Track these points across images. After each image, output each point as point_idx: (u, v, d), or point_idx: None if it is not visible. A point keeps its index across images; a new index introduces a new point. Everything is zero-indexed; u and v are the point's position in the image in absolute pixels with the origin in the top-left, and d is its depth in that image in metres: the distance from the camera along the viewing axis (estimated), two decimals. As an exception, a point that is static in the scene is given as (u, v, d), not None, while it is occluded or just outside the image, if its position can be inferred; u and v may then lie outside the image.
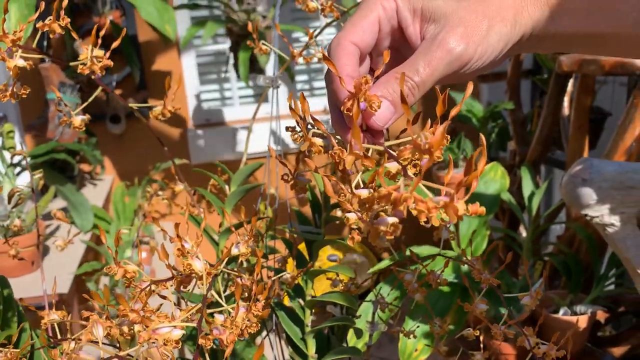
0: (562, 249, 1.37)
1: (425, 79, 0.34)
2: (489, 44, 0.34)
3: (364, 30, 0.36)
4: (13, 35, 0.36)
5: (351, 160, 0.31)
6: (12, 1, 1.23)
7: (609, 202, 0.74)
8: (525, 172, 1.44)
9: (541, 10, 0.35)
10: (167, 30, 1.41)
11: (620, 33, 0.35)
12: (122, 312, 0.34)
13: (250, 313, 0.34)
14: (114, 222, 1.55)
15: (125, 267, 0.37)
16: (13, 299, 0.47)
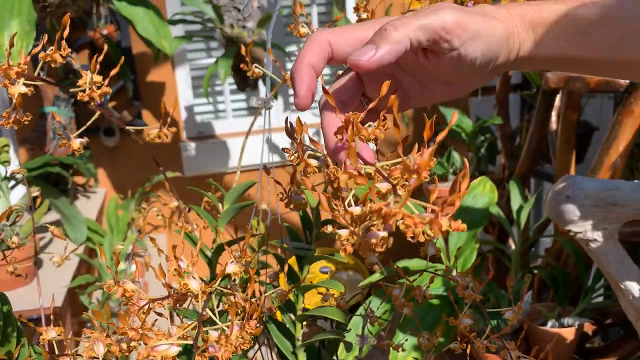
0: (550, 262, 1.39)
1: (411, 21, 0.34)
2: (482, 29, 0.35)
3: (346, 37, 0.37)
4: (17, 68, 0.37)
5: (345, 179, 0.34)
6: (13, 17, 1.26)
7: (592, 218, 0.76)
8: (514, 186, 1.47)
9: (526, 32, 0.37)
10: (164, 45, 1.43)
11: (599, 57, 0.38)
12: (122, 329, 0.36)
13: (243, 331, 0.35)
14: (108, 235, 1.56)
15: (124, 287, 0.39)
16: (12, 314, 0.48)
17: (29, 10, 1.30)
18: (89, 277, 1.38)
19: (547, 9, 0.37)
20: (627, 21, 0.36)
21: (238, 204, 0.58)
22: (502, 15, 0.37)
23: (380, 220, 0.32)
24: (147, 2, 1.47)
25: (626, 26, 0.36)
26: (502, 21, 0.36)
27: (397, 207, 0.30)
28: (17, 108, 0.39)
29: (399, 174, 0.33)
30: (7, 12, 1.26)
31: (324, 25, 2.29)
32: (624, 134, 1.21)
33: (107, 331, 0.38)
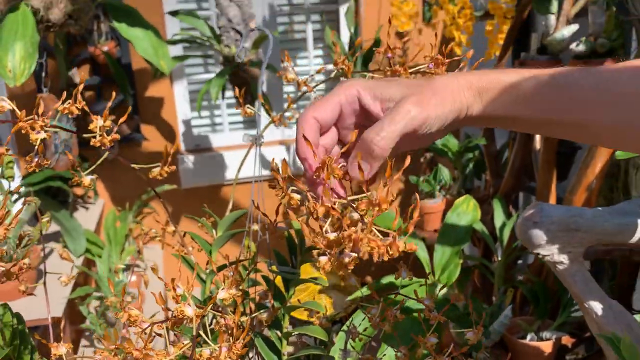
0: (531, 277, 1.45)
1: (390, 134, 0.43)
2: (437, 113, 0.44)
3: (326, 109, 0.45)
4: (42, 122, 0.43)
5: (322, 211, 0.40)
6: (17, 40, 1.32)
7: (557, 242, 0.83)
8: (497, 204, 1.53)
9: (473, 97, 0.45)
10: (162, 65, 1.49)
11: (536, 118, 0.45)
12: (127, 350, 0.42)
13: (231, 352, 0.41)
14: (106, 247, 1.61)
15: (129, 312, 0.44)
16: (26, 332, 0.54)
17: (32, 33, 1.37)
18: (88, 289, 1.44)
19: (491, 79, 0.44)
20: (557, 89, 0.43)
21: (229, 231, 0.64)
22: (451, 87, 0.44)
23: (351, 243, 0.40)
24: (146, 23, 1.54)
25: (557, 93, 0.43)
26: (451, 92, 0.44)
27: (364, 234, 0.39)
28: (39, 153, 0.45)
29: (365, 207, 0.41)
30: (12, 35, 1.33)
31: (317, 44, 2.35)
32: (600, 156, 1.28)
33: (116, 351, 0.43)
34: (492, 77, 0.45)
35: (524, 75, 0.44)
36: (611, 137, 0.45)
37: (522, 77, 0.44)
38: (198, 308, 0.46)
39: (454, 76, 0.46)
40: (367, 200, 0.40)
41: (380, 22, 2.30)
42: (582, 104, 0.43)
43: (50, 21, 1.55)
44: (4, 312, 0.52)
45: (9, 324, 0.51)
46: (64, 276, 0.66)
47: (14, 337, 0.51)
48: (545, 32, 1.47)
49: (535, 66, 1.42)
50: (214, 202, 2.29)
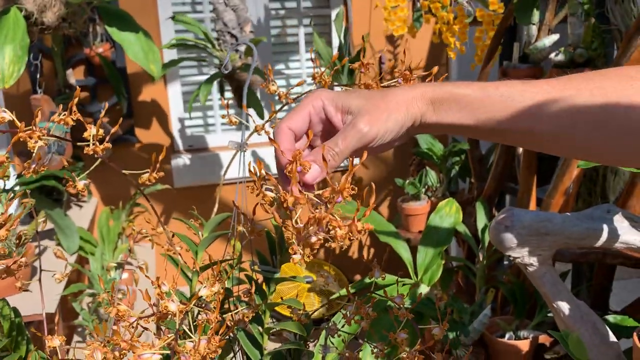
0: (511, 278, 1.50)
1: (343, 149, 0.49)
2: (387, 127, 0.49)
3: (297, 119, 0.51)
4: (40, 133, 0.47)
5: (292, 201, 0.45)
6: (7, 43, 1.35)
7: (528, 245, 0.87)
8: (480, 207, 1.58)
9: (426, 106, 0.50)
10: (152, 69, 1.53)
11: (483, 126, 0.51)
12: (115, 341, 0.46)
13: (209, 344, 0.46)
14: (99, 245, 1.65)
15: (118, 308, 0.49)
16: (23, 325, 0.58)
17: (22, 36, 1.40)
18: (80, 286, 1.47)
19: (441, 90, 0.50)
20: (500, 100, 0.49)
21: (214, 233, 0.68)
22: (404, 98, 0.50)
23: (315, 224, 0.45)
24: (137, 27, 1.57)
25: (500, 103, 0.48)
26: (404, 103, 0.49)
27: (325, 213, 0.44)
28: (37, 161, 0.49)
29: (329, 194, 0.45)
30: (2, 38, 1.36)
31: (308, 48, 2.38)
32: (576, 162, 1.33)
33: (106, 342, 0.48)
34: (445, 89, 0.50)
35: (473, 87, 0.49)
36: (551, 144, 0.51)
37: (471, 90, 0.50)
38: (182, 304, 0.50)
39: (410, 88, 0.51)
40: (330, 188, 0.45)
41: (371, 27, 2.35)
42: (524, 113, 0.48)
43: (44, 24, 1.58)
44: (3, 305, 0.56)
45: (7, 317, 0.55)
46: (58, 274, 0.70)
47: (11, 329, 0.55)
48: (527, 41, 1.52)
49: (517, 74, 1.48)
50: (206, 201, 2.33)
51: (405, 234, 1.80)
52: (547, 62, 1.52)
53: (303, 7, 2.41)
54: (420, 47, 2.41)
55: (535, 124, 0.49)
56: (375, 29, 2.29)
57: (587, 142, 0.50)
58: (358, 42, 2.31)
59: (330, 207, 0.45)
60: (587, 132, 0.49)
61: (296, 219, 0.46)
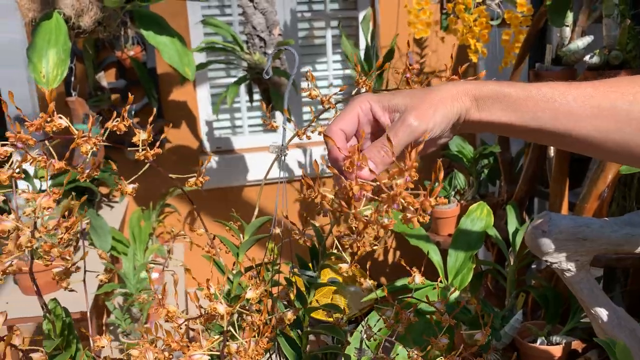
0: (542, 282, 1.48)
1: (395, 145, 0.49)
2: (435, 120, 0.50)
3: (346, 121, 0.53)
4: (95, 139, 0.49)
5: (357, 189, 0.46)
6: (50, 47, 1.39)
7: (565, 251, 0.86)
8: (510, 211, 1.57)
9: (470, 102, 0.51)
10: (187, 72, 1.55)
11: (525, 125, 0.51)
12: (166, 342, 0.47)
13: (258, 346, 0.47)
14: (132, 245, 1.68)
15: (167, 308, 0.50)
16: (72, 324, 0.60)
17: (64, 40, 1.44)
18: (113, 285, 1.50)
19: (484, 87, 0.51)
20: (542, 100, 0.49)
21: (255, 236, 0.69)
22: (450, 93, 0.50)
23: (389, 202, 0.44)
24: (172, 31, 1.60)
25: (543, 103, 0.48)
26: (450, 98, 0.50)
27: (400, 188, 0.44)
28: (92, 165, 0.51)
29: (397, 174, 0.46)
30: (46, 42, 1.40)
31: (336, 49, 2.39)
32: (611, 167, 1.31)
33: (156, 343, 0.49)
34: (488, 87, 0.51)
35: (516, 87, 0.50)
36: (592, 146, 0.51)
37: (514, 89, 0.50)
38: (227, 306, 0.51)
39: (454, 85, 0.52)
40: (398, 168, 0.45)
41: (398, 29, 2.34)
42: (566, 115, 0.48)
43: (80, 28, 1.62)
44: (55, 306, 0.57)
45: (60, 316, 0.57)
46: (102, 275, 0.72)
47: (63, 328, 0.57)
48: (560, 43, 1.50)
49: (550, 76, 1.46)
50: (233, 202, 2.35)
51: (434, 237, 1.79)
52: (580, 64, 1.50)
53: (330, 9, 2.42)
54: (448, 49, 2.40)
55: (575, 126, 0.50)
56: (402, 30, 2.28)
57: (631, 147, 0.49)
58: (384, 43, 2.31)
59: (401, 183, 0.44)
60: (631, 137, 0.49)
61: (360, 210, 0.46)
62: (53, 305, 0.57)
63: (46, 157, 0.49)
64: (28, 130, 0.48)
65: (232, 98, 1.83)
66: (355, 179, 0.45)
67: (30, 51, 1.30)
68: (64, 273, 0.49)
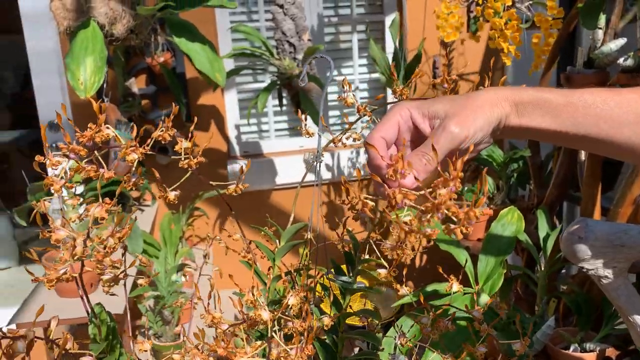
0: (574, 288, 1.46)
1: (437, 152, 0.49)
2: (476, 126, 0.50)
3: (387, 129, 0.53)
4: (143, 150, 0.50)
5: (400, 197, 0.46)
6: (88, 54, 1.42)
7: (602, 257, 0.85)
8: (541, 215, 1.55)
9: (510, 108, 0.51)
10: (218, 78, 1.58)
11: (565, 131, 0.51)
12: (213, 347, 0.48)
13: (303, 353, 0.47)
14: (163, 248, 1.70)
15: (213, 314, 0.51)
16: (116, 329, 0.61)
17: (101, 48, 1.47)
18: (146, 288, 1.53)
19: (524, 93, 0.51)
20: (584, 106, 0.49)
21: (291, 242, 0.70)
22: (490, 99, 0.51)
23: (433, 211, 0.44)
24: (203, 38, 1.62)
25: (584, 109, 0.48)
26: (490, 104, 0.50)
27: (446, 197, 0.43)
28: (138, 173, 0.52)
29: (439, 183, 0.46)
30: (83, 50, 1.43)
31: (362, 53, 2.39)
32: (647, 171, 1.29)
33: (202, 349, 0.50)
34: (528, 93, 0.51)
35: (556, 93, 0.50)
36: (633, 152, 0.50)
37: (554, 95, 0.50)
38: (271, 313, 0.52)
39: (493, 90, 0.52)
40: (443, 178, 0.45)
41: (424, 33, 2.34)
42: (607, 121, 0.48)
43: (113, 36, 1.66)
44: (100, 310, 0.59)
45: (105, 321, 0.58)
46: (143, 279, 0.73)
47: (107, 333, 0.58)
48: (592, 45, 1.48)
49: (582, 80, 1.44)
50: (261, 207, 2.37)
51: (464, 241, 1.78)
52: (613, 67, 1.48)
53: (356, 13, 2.43)
54: (475, 52, 2.39)
55: (617, 132, 0.49)
56: (429, 34, 2.28)
57: None
58: (411, 47, 2.31)
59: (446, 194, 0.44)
60: None
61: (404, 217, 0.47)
62: (99, 309, 0.58)
63: (96, 167, 0.50)
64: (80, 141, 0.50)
65: (263, 104, 1.85)
66: (399, 187, 0.46)
67: (68, 59, 1.34)
68: (113, 280, 0.50)
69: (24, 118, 3.65)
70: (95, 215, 0.44)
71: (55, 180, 0.47)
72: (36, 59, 2.14)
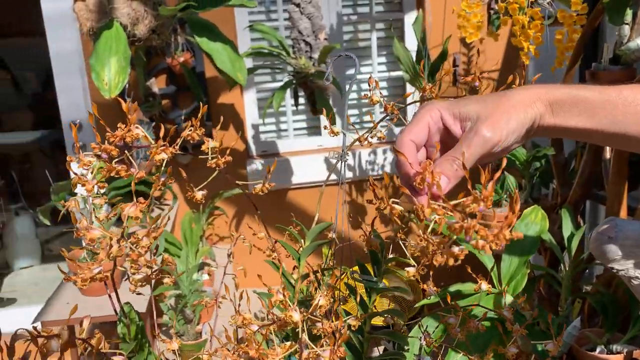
0: (600, 289, 1.44)
1: (468, 157, 0.48)
2: (509, 129, 0.49)
3: (417, 131, 0.51)
4: (172, 149, 0.50)
5: (429, 212, 0.45)
6: (112, 55, 1.43)
7: (633, 258, 0.84)
8: (566, 214, 1.53)
9: (544, 107, 0.50)
10: (239, 77, 1.58)
11: (602, 130, 0.50)
12: (244, 349, 0.48)
13: (334, 355, 0.47)
14: (184, 247, 1.71)
15: (243, 315, 0.51)
16: (144, 328, 0.61)
17: (125, 49, 1.48)
18: (168, 287, 1.54)
19: (559, 91, 0.49)
20: (623, 104, 0.48)
21: (316, 242, 0.70)
22: (523, 99, 0.49)
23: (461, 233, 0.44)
24: (225, 38, 1.63)
25: (624, 107, 0.47)
26: (523, 104, 0.49)
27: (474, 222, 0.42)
28: (167, 173, 0.52)
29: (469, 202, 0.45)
30: (107, 50, 1.44)
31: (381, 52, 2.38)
32: (676, 170, 1.26)
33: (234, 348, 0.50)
34: (563, 91, 0.49)
35: (593, 90, 0.48)
36: None
37: (591, 92, 0.48)
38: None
39: (527, 89, 0.50)
40: (473, 196, 0.44)
41: (444, 30, 2.32)
42: None
43: (135, 36, 1.67)
44: (129, 309, 0.59)
45: (134, 320, 0.58)
46: (168, 278, 0.74)
47: (137, 332, 0.59)
48: (618, 41, 1.46)
49: (608, 77, 1.42)
50: (278, 206, 2.37)
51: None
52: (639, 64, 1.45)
53: (375, 11, 2.41)
54: (495, 49, 2.36)
55: None
56: (449, 31, 2.26)
57: None
58: (432, 45, 2.29)
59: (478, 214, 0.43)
60: None
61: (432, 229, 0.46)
62: (128, 308, 0.59)
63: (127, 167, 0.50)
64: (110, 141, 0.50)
65: (279, 103, 1.85)
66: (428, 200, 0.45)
67: (92, 60, 1.35)
68: (145, 279, 0.50)
69: (45, 119, 3.70)
70: (129, 214, 0.44)
71: (87, 181, 0.47)
72: (58, 60, 2.17)
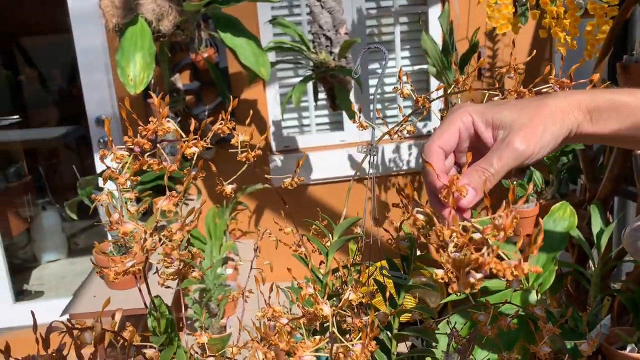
0: (630, 286, 1.41)
1: (499, 170, 0.46)
2: (543, 142, 0.47)
3: (448, 137, 0.49)
4: (204, 142, 0.50)
5: (449, 234, 0.44)
6: (137, 50, 1.44)
7: (668, 255, 0.81)
8: (595, 210, 1.50)
9: (583, 115, 0.48)
10: (262, 72, 1.58)
11: None
12: (275, 341, 0.47)
13: (365, 349, 0.46)
14: (208, 242, 1.72)
15: (273, 308, 0.50)
16: (174, 321, 0.62)
17: (149, 44, 1.49)
18: (194, 281, 1.55)
19: (599, 98, 0.47)
20: None
21: (344, 237, 0.69)
22: (561, 107, 0.47)
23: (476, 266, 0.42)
24: (248, 33, 1.63)
25: None
26: (561, 112, 0.47)
27: (490, 258, 0.41)
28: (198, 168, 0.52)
29: (490, 231, 0.43)
30: (133, 46, 1.45)
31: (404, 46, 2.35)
32: None
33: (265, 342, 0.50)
34: (603, 97, 0.47)
35: (636, 94, 0.46)
36: None
37: (633, 97, 0.46)
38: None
39: (565, 96, 0.48)
40: (492, 225, 0.43)
41: (469, 23, 2.29)
42: None
43: (160, 32, 1.68)
44: (159, 304, 0.59)
45: (164, 314, 0.59)
46: (196, 272, 0.74)
47: (167, 326, 0.59)
48: (650, 33, 1.42)
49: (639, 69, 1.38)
50: (299, 201, 2.37)
51: (512, 237, 1.73)
52: (673, 56, 1.41)
53: (399, 5, 2.39)
54: (521, 43, 2.32)
55: None
56: (474, 24, 2.23)
57: None
58: (457, 38, 2.26)
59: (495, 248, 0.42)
60: None
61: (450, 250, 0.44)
62: (158, 302, 0.59)
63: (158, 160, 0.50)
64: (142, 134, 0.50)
65: (298, 97, 1.84)
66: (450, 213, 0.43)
67: (118, 55, 1.36)
68: (176, 273, 0.50)
69: (71, 115, 3.76)
70: (162, 208, 0.44)
71: (119, 175, 0.47)
72: (84, 57, 2.19)
